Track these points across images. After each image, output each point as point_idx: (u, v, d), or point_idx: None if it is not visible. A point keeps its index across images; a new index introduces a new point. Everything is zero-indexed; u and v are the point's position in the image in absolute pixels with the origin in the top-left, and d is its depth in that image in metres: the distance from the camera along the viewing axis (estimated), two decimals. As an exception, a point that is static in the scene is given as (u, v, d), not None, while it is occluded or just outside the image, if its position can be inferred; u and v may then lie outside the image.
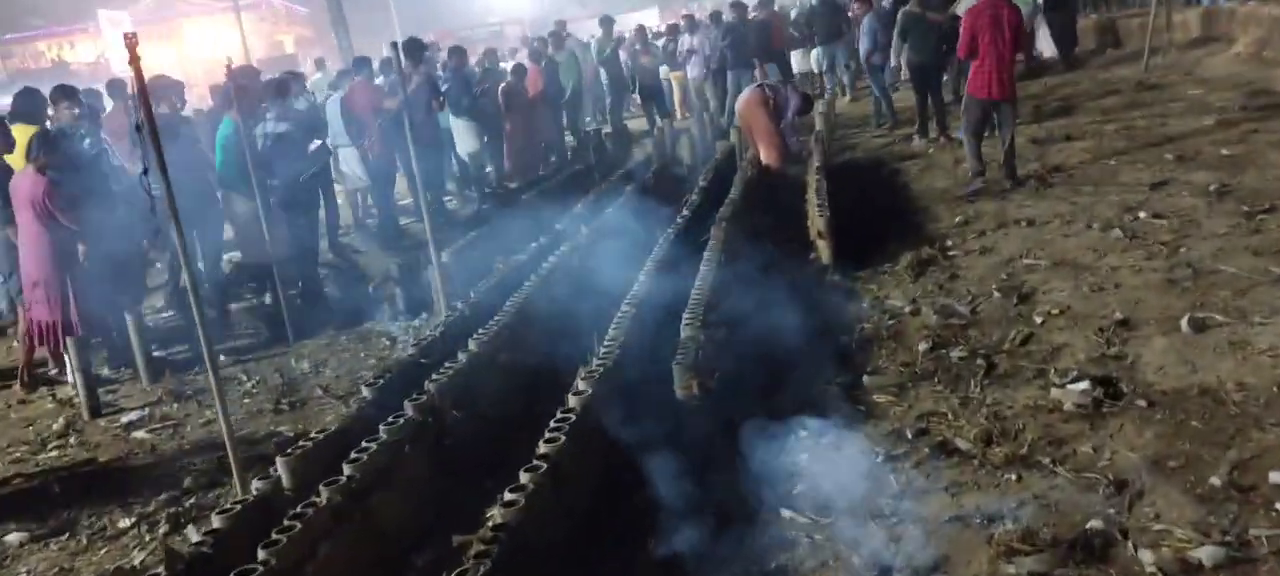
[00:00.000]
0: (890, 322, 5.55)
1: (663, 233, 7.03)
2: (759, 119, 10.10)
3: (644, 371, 4.54)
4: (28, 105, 7.41)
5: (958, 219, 7.61)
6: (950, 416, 4.23)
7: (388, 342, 6.73)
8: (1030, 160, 9.08)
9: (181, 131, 8.32)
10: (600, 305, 5.48)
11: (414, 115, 10.40)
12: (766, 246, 7.29)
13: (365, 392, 4.46)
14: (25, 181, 5.96)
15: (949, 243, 7.00)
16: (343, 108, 10.08)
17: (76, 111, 7.46)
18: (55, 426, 5.91)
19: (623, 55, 16.50)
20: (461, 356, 4.70)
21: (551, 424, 3.68)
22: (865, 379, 4.77)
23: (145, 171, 3.95)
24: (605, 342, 4.56)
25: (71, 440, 5.68)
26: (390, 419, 3.92)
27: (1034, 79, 13.92)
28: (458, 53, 12.80)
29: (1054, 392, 4.26)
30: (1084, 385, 4.26)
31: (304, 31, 45.31)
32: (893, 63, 11.65)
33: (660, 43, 17.59)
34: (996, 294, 5.70)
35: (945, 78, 12.22)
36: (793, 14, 18.42)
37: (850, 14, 14.23)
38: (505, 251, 7.48)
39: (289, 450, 3.76)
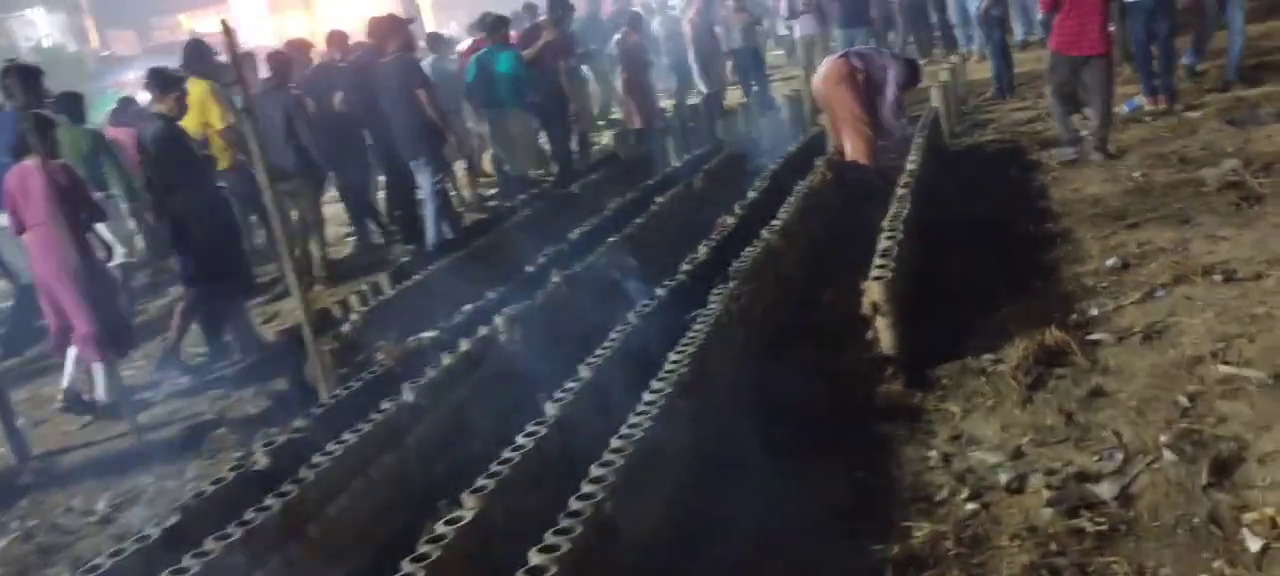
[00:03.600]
0: (968, 509, 3.10)
1: (653, 294, 4.71)
2: (842, 100, 7.52)
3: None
4: (201, 58, 7.32)
5: (1110, 261, 5.01)
6: None
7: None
8: (1226, 152, 6.32)
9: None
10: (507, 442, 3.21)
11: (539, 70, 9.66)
12: (807, 318, 4.88)
13: None
14: (36, 175, 5.33)
15: (1092, 310, 4.46)
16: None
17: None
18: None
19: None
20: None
21: None
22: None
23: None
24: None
25: None
26: None
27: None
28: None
29: None
30: None
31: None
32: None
33: None
34: (1168, 454, 3.19)
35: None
36: None
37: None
38: (448, 302, 5.28)
39: None
